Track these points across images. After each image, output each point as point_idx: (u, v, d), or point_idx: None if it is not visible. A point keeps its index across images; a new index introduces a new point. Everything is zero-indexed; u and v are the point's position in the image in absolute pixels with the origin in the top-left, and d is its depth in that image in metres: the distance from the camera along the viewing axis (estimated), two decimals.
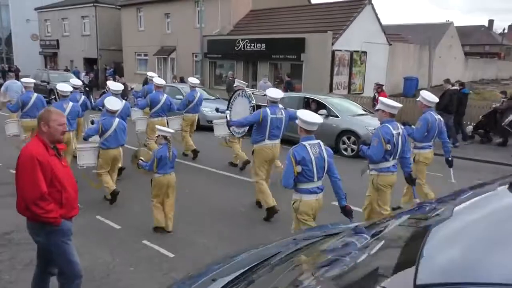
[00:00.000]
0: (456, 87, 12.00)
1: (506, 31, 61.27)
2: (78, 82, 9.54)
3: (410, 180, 5.43)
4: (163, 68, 27.48)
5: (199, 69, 23.80)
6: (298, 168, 4.14)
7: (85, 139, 6.87)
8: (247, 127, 7.09)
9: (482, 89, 27.74)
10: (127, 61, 29.56)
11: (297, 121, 4.31)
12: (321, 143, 4.34)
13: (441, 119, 6.32)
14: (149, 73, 10.78)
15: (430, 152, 6.28)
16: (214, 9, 22.60)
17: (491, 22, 63.00)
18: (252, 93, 7.62)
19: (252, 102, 7.25)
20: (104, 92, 13.01)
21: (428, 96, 6.16)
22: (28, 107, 8.59)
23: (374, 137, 5.02)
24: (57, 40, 36.61)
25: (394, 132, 4.97)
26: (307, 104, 11.49)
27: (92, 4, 32.19)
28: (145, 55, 28.80)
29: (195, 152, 9.77)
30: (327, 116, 10.35)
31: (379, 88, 13.46)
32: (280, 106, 6.56)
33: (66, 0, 37.18)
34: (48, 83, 21.27)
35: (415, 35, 29.10)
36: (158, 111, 9.02)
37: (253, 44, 19.84)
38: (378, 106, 5.25)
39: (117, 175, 7.34)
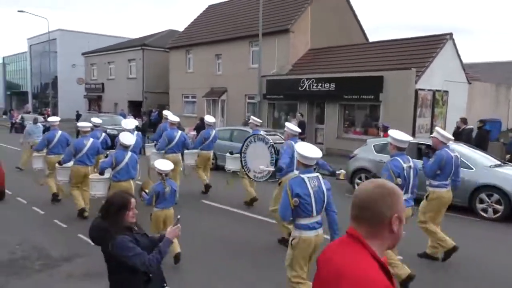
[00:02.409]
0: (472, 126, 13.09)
1: None
2: (99, 121, 9.98)
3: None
4: (212, 110, 26.15)
5: (254, 111, 22.27)
6: (295, 201, 4.02)
7: (100, 173, 7.08)
8: (268, 173, 7.31)
9: None
10: (174, 103, 28.48)
11: (295, 154, 4.41)
12: (320, 176, 4.24)
13: (458, 156, 6.07)
14: (165, 112, 11.11)
15: (447, 191, 5.97)
16: (271, 49, 21.26)
17: None
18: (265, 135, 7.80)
19: (270, 141, 7.40)
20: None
21: (444, 132, 6.04)
22: (53, 144, 9.08)
23: (384, 171, 4.95)
24: (102, 84, 36.48)
25: (405, 165, 4.94)
26: (420, 151, 9.34)
27: (140, 48, 31.92)
28: (193, 97, 27.69)
29: (207, 187, 10.01)
30: None
31: (384, 130, 12.79)
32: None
33: (113, 45, 37.40)
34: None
35: (490, 73, 26.98)
36: (173, 148, 9.27)
37: (320, 84, 18.10)
38: (388, 139, 5.22)
39: None
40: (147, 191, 5.86)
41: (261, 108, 20.20)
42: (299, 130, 7.00)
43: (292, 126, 6.89)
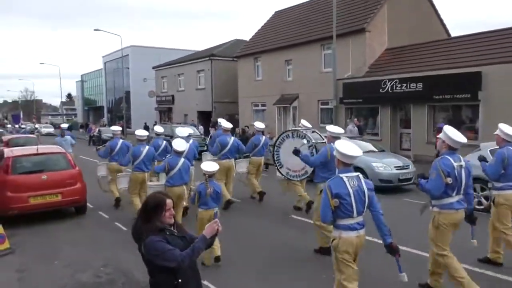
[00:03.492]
0: None
1: None
2: (160, 129, 10.45)
3: (470, 219, 4.87)
4: (283, 117, 25.33)
5: (329, 117, 21.10)
6: (335, 202, 3.90)
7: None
8: (305, 173, 7.58)
9: None
10: (243, 112, 28.08)
11: (334, 153, 4.28)
12: (361, 176, 4.06)
13: None
14: (219, 119, 11.29)
15: None
16: (345, 51, 19.96)
17: None
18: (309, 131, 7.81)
19: (312, 141, 7.35)
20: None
21: (507, 129, 5.56)
22: (115, 152, 9.69)
23: (433, 170, 4.62)
24: (172, 96, 37.21)
25: (455, 164, 4.57)
26: None
27: (208, 58, 32.05)
28: (263, 105, 27.06)
29: (261, 194, 9.96)
30: None
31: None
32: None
33: (182, 57, 38.14)
34: (171, 136, 20.15)
35: None
36: (226, 153, 9.44)
37: (404, 84, 16.53)
38: (440, 135, 4.77)
39: (182, 215, 7.69)
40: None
41: (337, 113, 18.98)
42: (342, 131, 6.68)
43: (334, 128, 6.56)
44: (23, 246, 7.15)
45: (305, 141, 7.54)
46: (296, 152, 6.85)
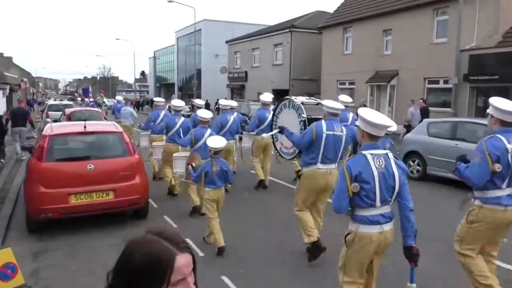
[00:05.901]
0: None
1: None
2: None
3: None
4: (375, 97, 21.51)
5: (435, 97, 17.05)
6: (354, 187, 3.04)
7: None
8: (295, 153, 6.28)
9: None
10: (326, 91, 24.52)
11: (357, 122, 3.25)
12: (390, 155, 3.16)
13: None
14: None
15: None
16: (467, 16, 15.64)
17: None
18: (302, 103, 6.44)
19: (303, 115, 6.24)
20: None
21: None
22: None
23: (477, 153, 3.56)
24: (246, 72, 34.58)
25: (510, 146, 3.46)
26: None
27: (288, 30, 28.76)
28: (351, 83, 23.39)
29: (260, 183, 8.76)
30: None
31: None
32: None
33: (258, 30, 35.22)
34: (249, 116, 17.41)
35: None
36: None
37: None
38: (488, 110, 3.69)
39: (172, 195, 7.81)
40: (194, 165, 5.69)
41: (458, 94, 14.91)
42: (342, 107, 5.09)
43: (330, 103, 4.96)
44: (53, 269, 4.68)
45: (296, 115, 6.46)
46: (281, 130, 5.50)
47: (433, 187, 9.08)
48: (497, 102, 3.61)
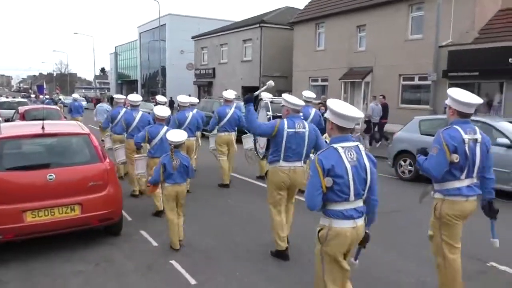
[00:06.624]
0: None
1: None
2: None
3: (489, 210, 3.70)
4: (349, 95, 21.13)
5: (410, 95, 16.82)
6: (327, 182, 2.91)
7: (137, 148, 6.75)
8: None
9: None
10: (298, 89, 23.88)
11: (326, 115, 3.15)
12: (361, 146, 3.08)
13: None
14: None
15: None
16: (442, 13, 15.41)
17: None
18: (271, 102, 7.02)
19: (268, 113, 6.72)
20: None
21: None
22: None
23: (434, 144, 3.58)
24: (213, 69, 33.50)
25: (467, 137, 3.50)
26: None
27: (258, 25, 27.96)
28: (324, 80, 22.92)
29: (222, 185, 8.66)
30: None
31: None
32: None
33: (227, 25, 34.20)
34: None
35: None
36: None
37: None
38: (446, 101, 3.68)
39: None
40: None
41: (437, 90, 14.63)
42: (302, 104, 4.84)
43: (292, 99, 4.73)
44: None
45: (265, 113, 6.74)
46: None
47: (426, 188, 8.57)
48: (455, 93, 3.64)
